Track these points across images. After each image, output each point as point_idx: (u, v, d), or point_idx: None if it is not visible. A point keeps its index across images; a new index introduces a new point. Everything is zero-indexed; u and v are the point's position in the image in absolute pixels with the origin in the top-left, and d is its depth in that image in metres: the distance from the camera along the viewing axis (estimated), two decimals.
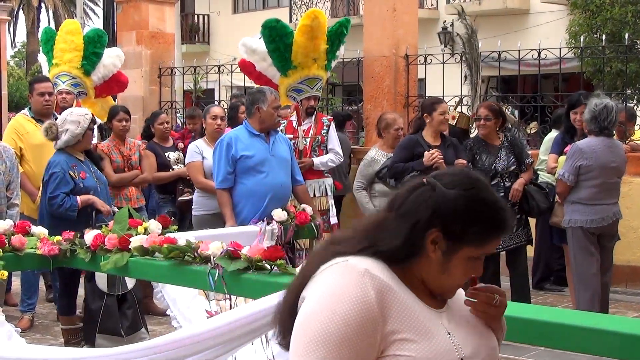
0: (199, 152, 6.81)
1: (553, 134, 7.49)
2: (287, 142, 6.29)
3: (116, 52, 9.25)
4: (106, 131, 7.85)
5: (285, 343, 1.89)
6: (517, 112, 11.96)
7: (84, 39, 8.73)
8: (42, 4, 37.60)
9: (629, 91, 11.42)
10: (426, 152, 6.37)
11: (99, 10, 31.83)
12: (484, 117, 6.49)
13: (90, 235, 4.37)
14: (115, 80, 9.11)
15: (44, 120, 6.77)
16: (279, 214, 5.63)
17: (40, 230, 4.76)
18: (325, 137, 7.56)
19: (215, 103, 10.49)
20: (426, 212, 1.83)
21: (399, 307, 1.79)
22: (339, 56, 8.08)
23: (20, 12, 37.45)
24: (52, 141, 5.87)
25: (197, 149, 6.84)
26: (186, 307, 4.62)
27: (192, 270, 3.86)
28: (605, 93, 7.45)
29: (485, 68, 8.82)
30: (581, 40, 10.09)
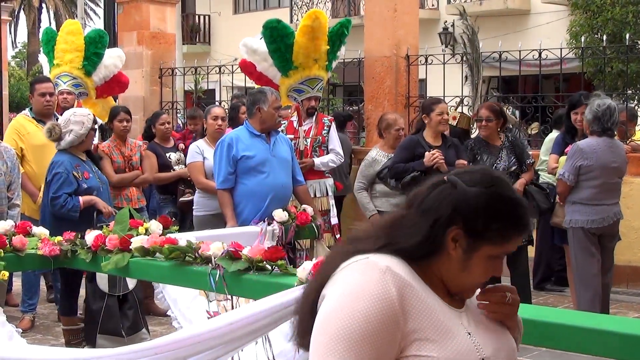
0: (199, 153, 6.81)
1: (554, 135, 7.48)
2: (287, 142, 6.29)
3: (117, 52, 9.25)
4: (107, 131, 7.85)
5: (305, 342, 1.87)
6: (517, 112, 11.94)
7: (85, 39, 8.74)
8: (43, 5, 37.63)
9: (630, 91, 11.43)
10: (427, 153, 6.37)
11: (100, 11, 31.89)
12: (485, 118, 6.48)
13: (91, 236, 4.37)
14: (116, 80, 9.12)
15: (44, 120, 6.76)
16: (279, 215, 5.62)
17: (41, 231, 4.76)
18: (326, 138, 7.55)
19: (216, 103, 10.49)
20: (447, 210, 1.82)
21: (420, 305, 1.78)
22: (339, 56, 8.08)
23: (21, 12, 37.50)
24: (54, 142, 5.84)
25: (198, 150, 6.84)
26: (187, 307, 4.62)
27: (193, 270, 3.86)
28: (606, 93, 7.45)
29: (486, 68, 8.81)
30: (582, 40, 10.07)
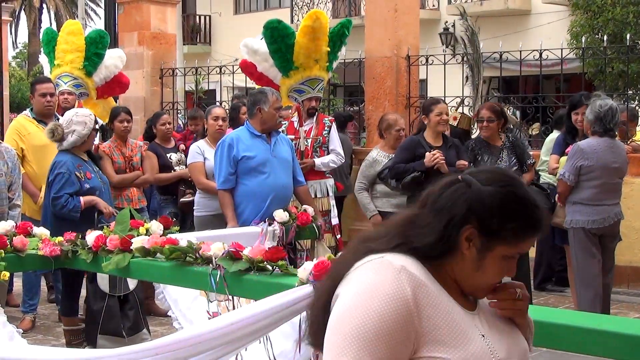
0: (200, 153, 6.81)
1: (554, 135, 7.48)
2: (288, 142, 6.29)
3: (118, 53, 9.25)
4: (108, 132, 7.85)
5: (318, 342, 1.86)
6: (518, 112, 11.94)
7: (85, 39, 8.74)
8: (44, 5, 37.64)
9: (631, 92, 11.42)
10: (427, 153, 6.37)
11: (101, 11, 31.86)
12: (486, 119, 6.48)
13: (91, 236, 4.37)
14: (117, 81, 9.12)
15: (45, 121, 6.77)
16: (280, 215, 5.62)
17: (41, 231, 4.75)
18: (326, 138, 7.55)
19: (217, 104, 10.50)
20: (461, 209, 1.81)
21: (434, 306, 1.77)
22: (340, 57, 8.09)
23: (22, 12, 37.50)
24: (56, 142, 5.82)
25: (199, 150, 6.84)
26: (187, 308, 4.62)
27: (193, 271, 3.86)
28: (607, 94, 7.45)
29: (486, 69, 8.81)
30: (583, 41, 10.07)
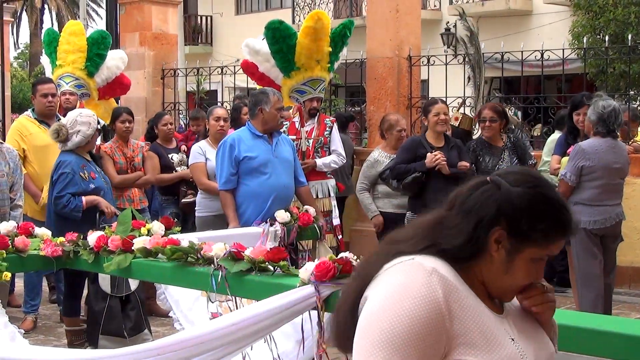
0: (202, 154, 6.81)
1: (556, 135, 7.48)
2: (290, 143, 6.29)
3: (119, 54, 9.26)
4: (109, 132, 7.85)
5: (343, 345, 1.84)
6: (519, 113, 11.93)
7: (87, 40, 8.74)
8: (45, 6, 37.65)
9: (632, 92, 11.41)
10: (428, 154, 6.36)
11: (102, 12, 31.88)
12: (489, 119, 6.48)
13: (93, 237, 4.37)
14: (118, 82, 9.12)
15: (47, 121, 6.77)
16: (281, 215, 5.62)
17: (43, 232, 4.76)
18: (328, 139, 7.54)
19: (218, 104, 10.49)
20: (490, 210, 1.79)
21: (465, 308, 1.74)
22: (341, 57, 8.08)
23: (24, 13, 37.55)
24: (60, 143, 5.80)
25: (200, 150, 6.84)
26: (189, 309, 4.63)
27: (195, 271, 3.86)
28: (608, 94, 7.44)
29: (488, 69, 8.78)
30: (584, 41, 10.05)
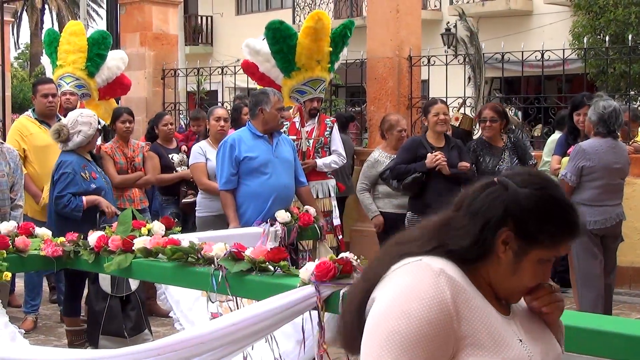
0: (202, 154, 6.81)
1: (556, 135, 7.48)
2: (290, 143, 6.29)
3: (120, 54, 9.25)
4: (109, 133, 7.85)
5: (349, 346, 1.84)
6: (520, 113, 11.93)
7: (88, 40, 8.73)
8: (46, 6, 37.65)
9: (633, 92, 11.41)
10: (429, 154, 6.36)
11: (102, 12, 31.91)
12: (489, 119, 6.48)
13: (93, 237, 4.38)
14: (119, 82, 9.12)
15: (47, 121, 6.77)
16: (282, 215, 5.62)
17: (44, 232, 4.76)
18: (328, 139, 7.54)
19: (219, 104, 10.50)
20: (498, 211, 1.79)
21: (473, 309, 1.74)
22: (341, 57, 8.08)
23: (24, 13, 37.54)
24: (61, 143, 5.80)
25: (201, 151, 6.84)
26: (189, 309, 4.63)
27: (195, 271, 3.86)
28: (609, 94, 7.44)
29: (488, 69, 8.77)
30: (584, 41, 10.05)
